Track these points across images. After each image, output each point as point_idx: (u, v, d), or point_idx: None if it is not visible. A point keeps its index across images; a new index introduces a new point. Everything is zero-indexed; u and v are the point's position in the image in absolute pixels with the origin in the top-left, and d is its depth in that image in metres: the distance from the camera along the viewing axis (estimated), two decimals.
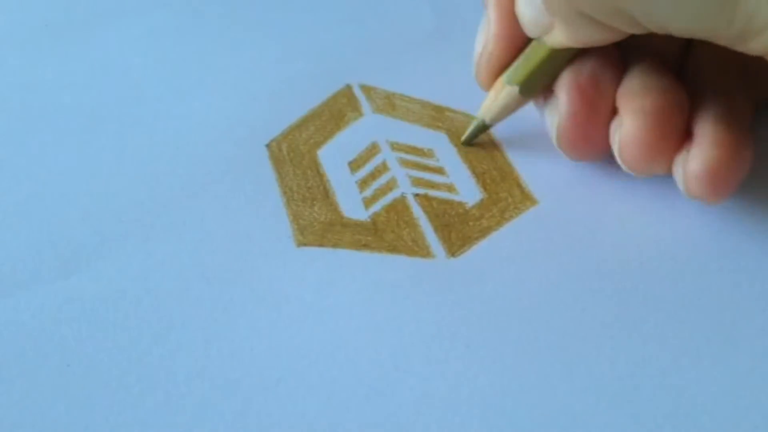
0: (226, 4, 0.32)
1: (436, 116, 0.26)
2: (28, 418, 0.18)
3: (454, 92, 0.27)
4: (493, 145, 0.25)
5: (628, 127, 0.21)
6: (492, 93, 0.24)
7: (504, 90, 0.23)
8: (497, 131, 0.25)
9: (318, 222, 0.23)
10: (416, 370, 0.19)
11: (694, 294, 0.21)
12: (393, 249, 0.22)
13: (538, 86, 0.23)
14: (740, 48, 0.18)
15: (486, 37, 0.23)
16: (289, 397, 0.18)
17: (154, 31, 0.30)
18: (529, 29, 0.21)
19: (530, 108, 0.24)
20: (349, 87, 0.27)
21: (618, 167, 0.22)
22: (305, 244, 0.22)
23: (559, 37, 0.21)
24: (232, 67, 0.28)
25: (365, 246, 0.22)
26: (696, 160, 0.20)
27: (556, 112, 0.22)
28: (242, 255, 0.22)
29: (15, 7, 0.32)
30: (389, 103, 0.27)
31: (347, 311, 0.20)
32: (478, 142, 0.25)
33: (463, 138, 0.25)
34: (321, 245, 0.22)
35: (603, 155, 0.22)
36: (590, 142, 0.22)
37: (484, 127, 0.25)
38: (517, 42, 0.22)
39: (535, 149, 0.25)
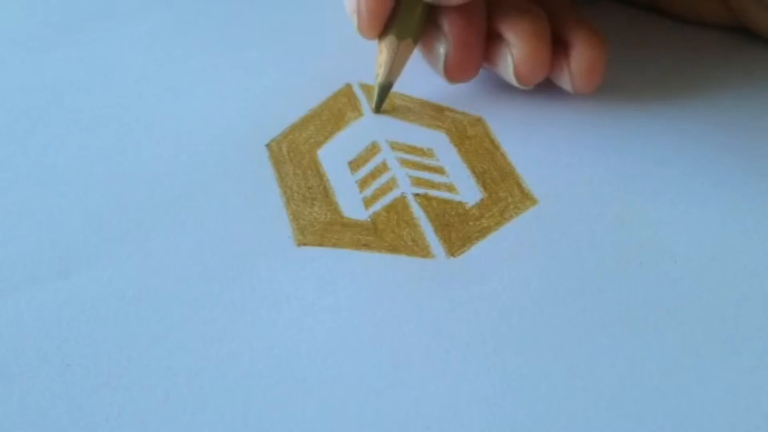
0: (226, 4, 0.32)
1: (436, 116, 0.26)
2: (28, 418, 0.18)
3: (454, 92, 0.27)
4: (493, 145, 0.25)
5: (521, 48, 0.25)
6: (385, 53, 0.25)
7: (398, 45, 0.25)
8: (497, 131, 0.26)
9: (318, 222, 0.23)
10: (416, 370, 0.19)
11: (694, 294, 0.21)
12: (393, 249, 0.22)
13: (419, 31, 0.25)
14: None
15: None
16: (289, 397, 0.18)
17: (154, 31, 0.30)
18: None
19: (530, 108, 0.24)
20: (349, 87, 0.27)
21: (620, 171, 0.22)
22: (305, 244, 0.22)
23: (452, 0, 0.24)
24: (232, 67, 0.28)
25: (365, 246, 0.22)
26: (578, 60, 0.25)
27: (442, 45, 0.25)
28: (242, 255, 0.22)
29: (15, 7, 0.32)
30: (389, 103, 0.27)
31: (347, 311, 0.20)
32: (470, 133, 0.25)
33: (373, 106, 0.26)
34: (321, 245, 0.22)
35: (476, 75, 0.26)
36: (475, 64, 0.26)
37: (389, 88, 0.26)
38: None
39: (535, 149, 0.25)
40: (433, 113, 0.26)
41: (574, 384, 0.19)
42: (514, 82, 0.25)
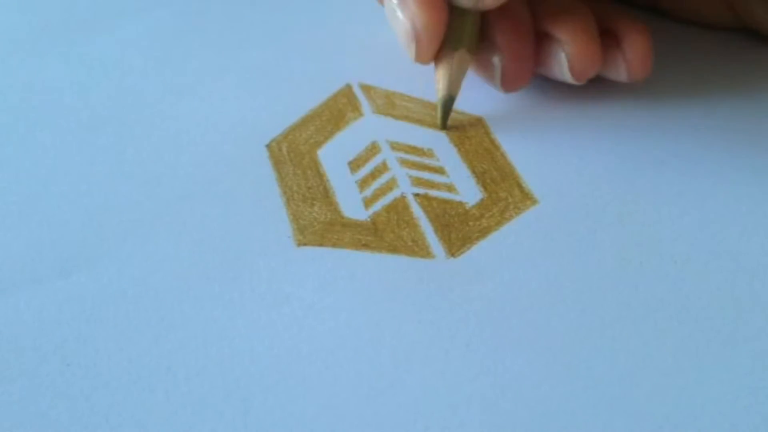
0: (226, 4, 0.32)
1: (436, 116, 0.26)
2: (28, 418, 0.18)
3: None
4: (493, 145, 0.25)
5: (574, 44, 0.25)
6: (444, 66, 0.25)
7: (456, 57, 0.25)
8: (497, 131, 0.26)
9: (318, 222, 0.23)
10: (416, 370, 0.19)
11: (694, 294, 0.21)
12: (393, 249, 0.22)
13: (474, 44, 0.25)
14: None
15: (410, 16, 0.24)
16: (289, 397, 0.18)
17: (154, 31, 0.30)
18: (463, 3, 0.24)
19: (530, 108, 0.24)
20: (349, 87, 0.27)
21: (620, 171, 0.22)
22: (305, 244, 0.22)
23: (489, 2, 0.24)
24: (232, 67, 0.28)
25: (365, 246, 0.22)
26: (632, 49, 0.25)
27: (496, 57, 0.25)
28: (242, 255, 0.22)
29: (15, 8, 0.32)
30: (389, 103, 0.27)
31: (347, 311, 0.20)
32: (470, 133, 0.25)
33: (439, 122, 0.26)
34: (321, 245, 0.22)
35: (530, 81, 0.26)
36: (529, 72, 0.26)
37: (451, 102, 0.25)
38: (442, 12, 0.24)
39: (535, 149, 0.25)
40: (433, 113, 0.26)
41: (574, 384, 0.19)
42: (569, 79, 0.26)
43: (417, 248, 0.22)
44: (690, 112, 0.26)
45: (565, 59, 0.25)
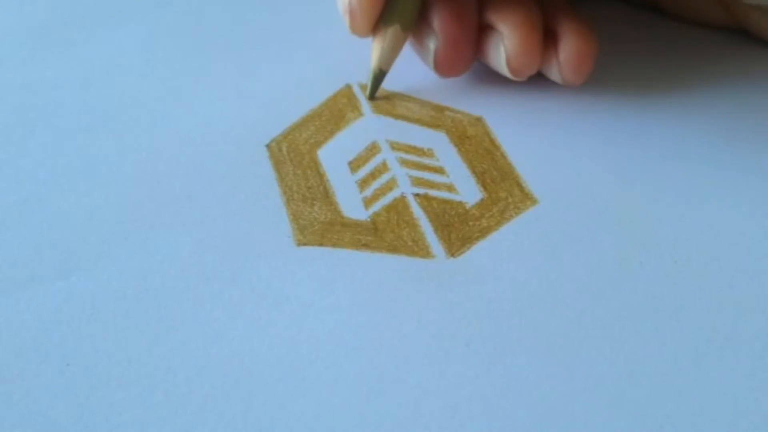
0: (226, 4, 0.32)
1: (436, 116, 0.26)
2: (28, 418, 0.18)
3: (454, 92, 0.27)
4: (493, 145, 0.25)
5: (513, 39, 0.25)
6: (378, 40, 0.26)
7: (389, 32, 0.25)
8: (497, 131, 0.26)
9: (318, 222, 0.23)
10: (416, 370, 0.19)
11: (694, 294, 0.21)
12: (393, 249, 0.22)
13: (411, 21, 0.25)
14: None
15: None
16: (289, 397, 0.18)
17: (154, 32, 0.30)
18: None
19: (530, 108, 0.24)
20: (349, 87, 0.27)
21: (620, 171, 0.22)
22: (305, 244, 0.22)
23: None
24: (232, 68, 0.28)
25: (365, 246, 0.22)
26: (568, 51, 0.25)
27: (431, 40, 0.25)
28: (242, 255, 0.22)
29: (15, 7, 0.32)
30: (389, 103, 0.27)
31: (347, 311, 0.20)
32: (470, 133, 0.25)
33: (367, 93, 0.27)
34: (321, 245, 0.22)
35: (467, 69, 0.26)
36: (465, 59, 0.26)
37: (382, 76, 0.26)
38: None
39: (535, 149, 0.25)
40: (433, 113, 0.26)
41: (574, 384, 0.19)
42: (507, 74, 0.26)
43: (417, 248, 0.22)
44: (689, 111, 0.26)
45: (504, 53, 0.25)
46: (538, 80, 0.27)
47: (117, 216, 0.23)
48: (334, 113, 0.26)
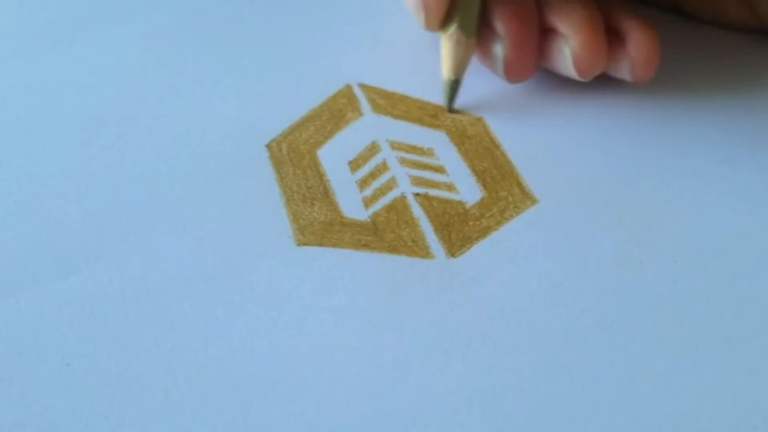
0: (226, 5, 0.32)
1: (436, 116, 0.26)
2: (28, 418, 0.18)
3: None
4: (493, 144, 0.25)
5: (579, 39, 0.25)
6: (449, 49, 0.26)
7: (464, 42, 0.25)
8: (497, 131, 0.26)
9: (318, 222, 0.23)
10: (416, 370, 0.19)
11: (694, 294, 0.21)
12: (393, 249, 0.22)
13: (478, 30, 0.26)
14: None
15: None
16: (289, 397, 0.18)
17: (154, 32, 0.30)
18: None
19: (530, 107, 0.24)
20: (349, 87, 0.27)
21: (620, 171, 0.22)
22: (305, 244, 0.22)
23: None
24: (232, 67, 0.28)
25: (365, 246, 0.22)
26: (638, 48, 0.25)
27: (498, 46, 0.25)
28: (242, 255, 0.22)
29: (15, 8, 0.32)
30: (389, 103, 0.27)
31: (347, 311, 0.20)
32: (470, 132, 0.25)
33: (446, 104, 0.26)
34: (321, 245, 0.22)
35: (534, 73, 0.26)
36: (533, 62, 0.26)
37: (457, 85, 0.26)
38: None
39: (535, 149, 0.25)
40: (433, 113, 0.26)
41: (574, 384, 0.19)
42: (573, 74, 0.25)
43: (417, 248, 0.22)
44: (695, 111, 0.26)
45: (570, 54, 0.25)
46: (538, 80, 0.27)
47: (117, 216, 0.23)
48: (334, 113, 0.26)
